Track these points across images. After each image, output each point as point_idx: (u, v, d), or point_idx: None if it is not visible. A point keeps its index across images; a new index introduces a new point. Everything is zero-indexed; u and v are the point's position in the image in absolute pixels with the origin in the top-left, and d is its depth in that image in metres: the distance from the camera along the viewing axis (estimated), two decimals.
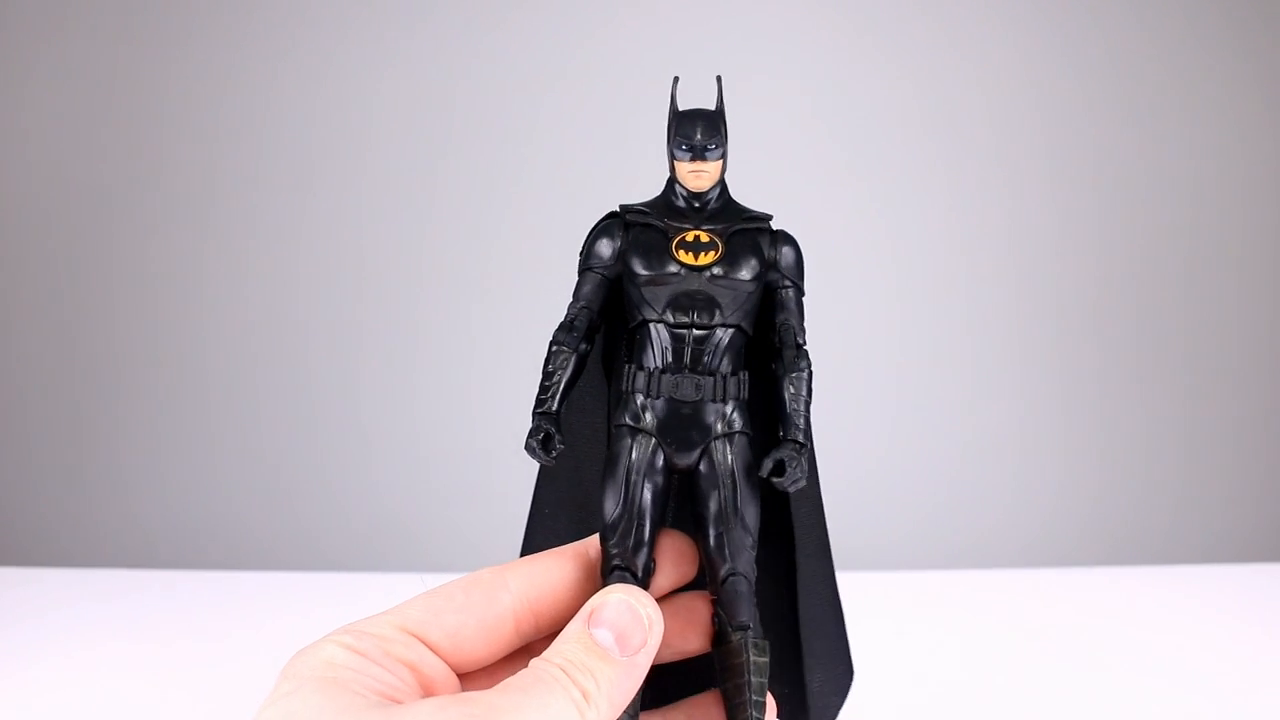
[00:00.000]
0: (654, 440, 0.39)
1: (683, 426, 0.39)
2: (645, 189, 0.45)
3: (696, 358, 0.39)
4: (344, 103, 1.15)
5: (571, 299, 0.41)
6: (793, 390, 0.40)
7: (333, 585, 0.99)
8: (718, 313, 0.39)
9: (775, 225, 0.44)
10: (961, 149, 1.15)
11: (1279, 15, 1.14)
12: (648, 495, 0.38)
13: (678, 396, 0.38)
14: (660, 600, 0.38)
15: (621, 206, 0.42)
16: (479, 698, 0.31)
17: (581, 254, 0.42)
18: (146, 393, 1.17)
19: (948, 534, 1.15)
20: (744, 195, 0.45)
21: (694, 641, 0.40)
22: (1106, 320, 1.16)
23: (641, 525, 0.38)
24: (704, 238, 0.40)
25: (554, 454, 0.39)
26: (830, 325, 1.17)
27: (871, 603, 0.92)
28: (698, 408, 0.39)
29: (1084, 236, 1.16)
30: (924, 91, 1.14)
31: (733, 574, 0.38)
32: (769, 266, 0.41)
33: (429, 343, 1.16)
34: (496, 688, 0.31)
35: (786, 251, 0.42)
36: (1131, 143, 1.15)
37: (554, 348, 0.40)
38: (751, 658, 0.38)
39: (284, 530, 1.17)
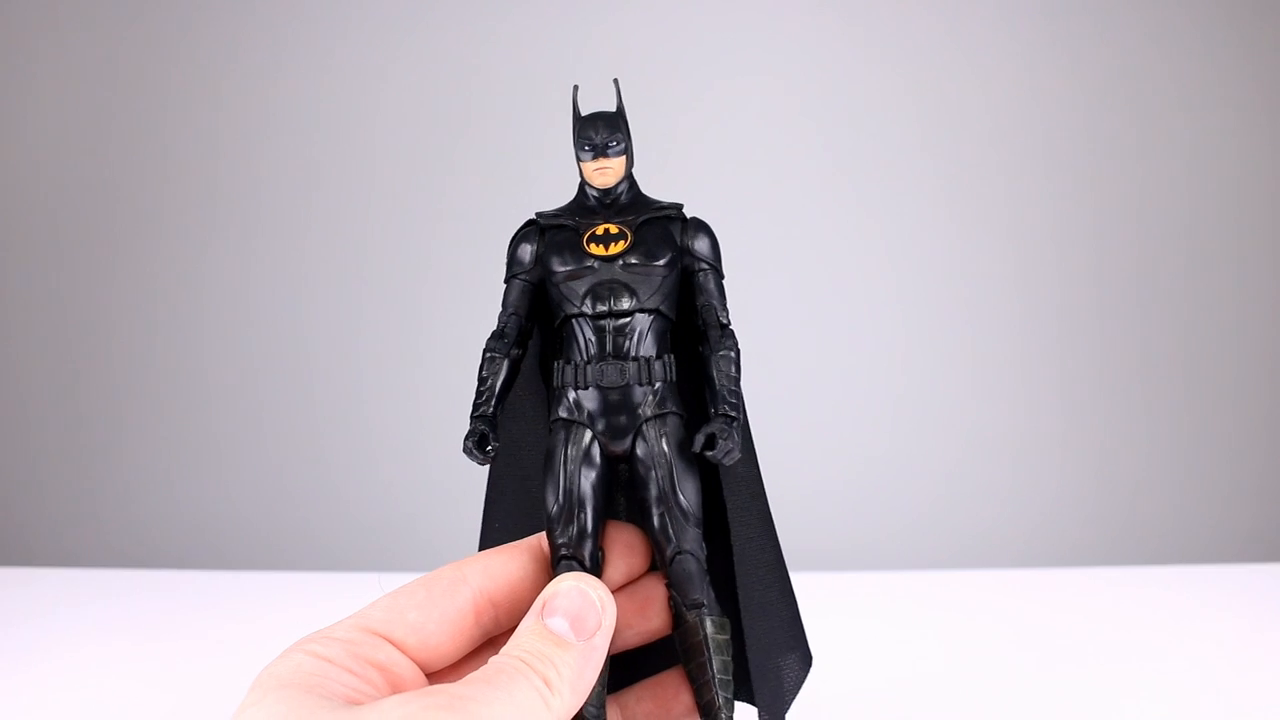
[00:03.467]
0: (588, 431, 0.40)
1: (612, 412, 0.40)
2: (646, 189, 0.46)
3: (619, 345, 0.40)
4: (347, 105, 1.15)
5: (500, 308, 0.43)
6: (720, 368, 0.41)
7: (333, 585, 0.99)
8: (634, 298, 0.40)
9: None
10: (961, 148, 1.15)
11: (1279, 15, 1.14)
12: (585, 484, 0.39)
13: (604, 384, 0.40)
14: (615, 591, 0.39)
15: (537, 214, 0.44)
16: (442, 689, 0.31)
17: (506, 263, 0.44)
18: (147, 394, 1.18)
19: (946, 534, 1.15)
20: (744, 195, 0.45)
21: (654, 621, 0.41)
22: (1106, 320, 1.16)
23: (583, 514, 0.39)
24: (613, 229, 0.42)
25: (490, 453, 0.40)
26: (830, 325, 1.17)
27: (870, 602, 0.92)
28: (625, 393, 0.40)
29: (1084, 236, 1.16)
30: (923, 91, 1.14)
31: (679, 553, 0.39)
32: (682, 252, 0.43)
33: (430, 343, 1.16)
34: (460, 681, 0.32)
35: (700, 236, 0.43)
36: (1131, 141, 1.15)
37: (487, 355, 0.42)
38: (710, 634, 0.39)
39: (285, 530, 1.17)
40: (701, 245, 0.43)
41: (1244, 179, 1.15)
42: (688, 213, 0.44)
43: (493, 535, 0.45)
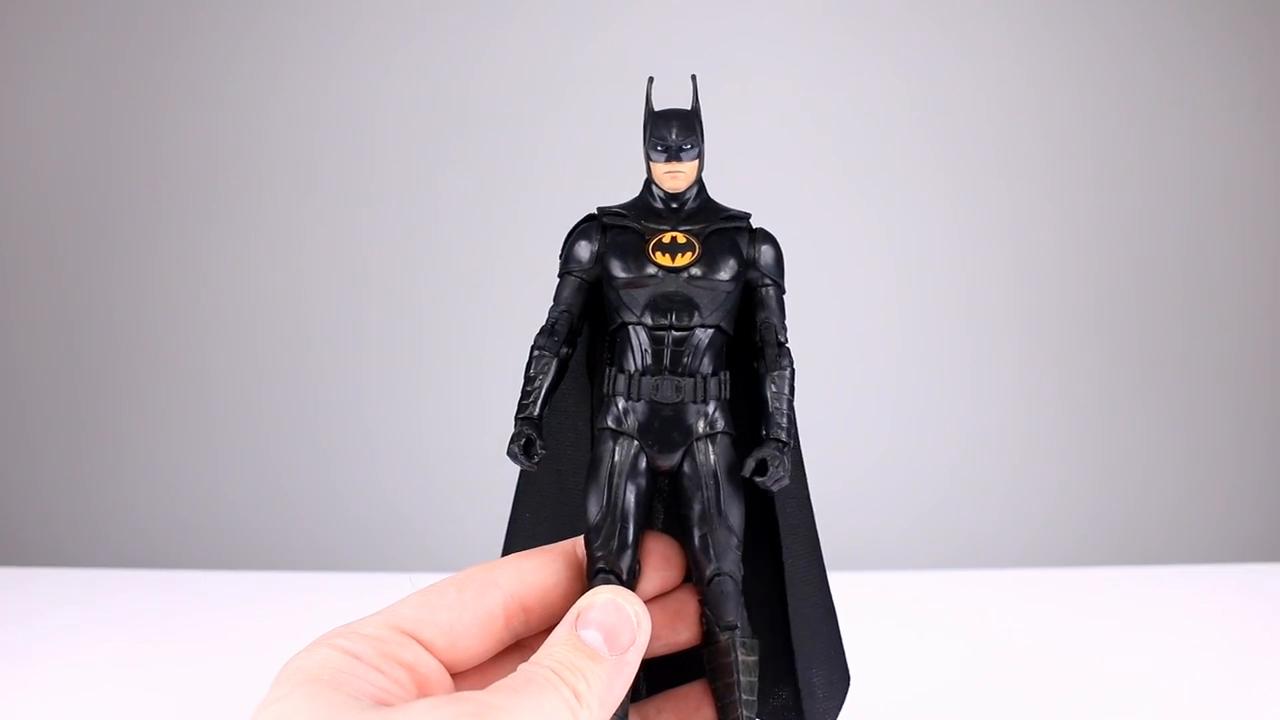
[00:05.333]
0: (636, 443, 0.39)
1: (664, 428, 0.39)
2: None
3: (676, 359, 0.39)
4: (348, 105, 1.15)
5: (552, 303, 0.42)
6: (775, 389, 0.39)
7: (334, 585, 0.99)
8: (696, 314, 0.39)
9: (762, 223, 0.44)
10: (961, 148, 1.15)
11: (1278, 15, 1.14)
12: (630, 498, 0.38)
13: (658, 399, 0.38)
14: (648, 602, 0.38)
15: (599, 209, 0.42)
16: (472, 696, 0.31)
17: (560, 258, 0.42)
18: (147, 393, 1.17)
19: (946, 534, 1.15)
20: (743, 196, 0.45)
21: (683, 634, 0.40)
22: (1106, 319, 1.16)
23: (625, 528, 0.38)
24: (680, 239, 0.40)
25: (536, 459, 0.39)
26: (830, 325, 1.17)
27: (869, 603, 0.92)
28: (679, 409, 0.39)
29: (1084, 235, 1.16)
30: (923, 91, 1.14)
31: (718, 574, 0.38)
32: (748, 265, 0.41)
33: (431, 343, 1.16)
34: (489, 688, 0.32)
35: (766, 250, 0.42)
36: (1131, 141, 1.15)
37: (535, 352, 0.40)
38: (740, 657, 0.38)
39: (285, 530, 1.17)
40: (767, 258, 0.42)
41: (1245, 179, 1.15)
42: (753, 222, 0.43)
43: (523, 525, 0.44)
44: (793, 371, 0.40)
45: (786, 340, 0.41)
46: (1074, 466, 1.17)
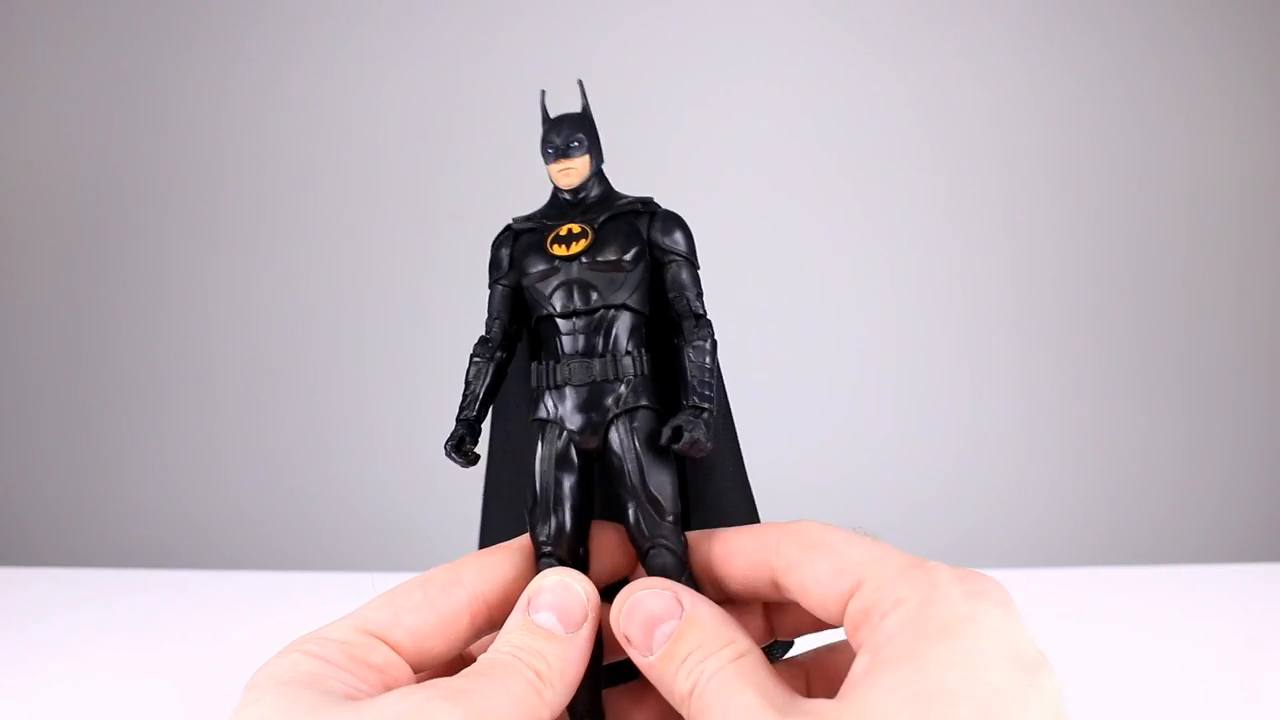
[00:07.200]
0: (560, 429, 0.40)
1: (584, 409, 0.40)
2: (650, 192, 0.46)
3: (589, 343, 0.40)
4: (350, 105, 1.15)
5: (486, 314, 0.44)
6: (692, 359, 0.40)
7: (333, 585, 0.99)
8: (596, 295, 0.40)
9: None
10: (959, 148, 1.15)
11: (1278, 15, 1.14)
12: (558, 482, 0.39)
13: (574, 382, 0.40)
14: (603, 591, 0.39)
15: (513, 219, 0.45)
16: (442, 682, 0.32)
17: (488, 270, 0.44)
18: (148, 393, 1.18)
19: (944, 533, 1.15)
20: (742, 197, 0.45)
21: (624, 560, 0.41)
22: (1105, 320, 1.16)
23: (560, 510, 0.39)
24: (575, 229, 0.42)
25: (470, 456, 0.41)
26: (829, 325, 1.17)
27: None
28: (595, 390, 0.40)
29: (1082, 235, 1.16)
30: (922, 91, 1.14)
31: (653, 546, 0.38)
32: (650, 245, 0.42)
33: (431, 343, 1.16)
34: (455, 676, 0.32)
35: (667, 228, 0.43)
36: (1129, 141, 1.15)
37: (472, 359, 0.43)
38: None
39: (286, 530, 1.17)
40: (669, 237, 0.42)
41: (1243, 179, 1.16)
42: (683, 208, 0.44)
43: (490, 529, 0.46)
44: (714, 342, 0.41)
45: (704, 312, 0.42)
46: (1072, 466, 1.17)
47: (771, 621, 0.40)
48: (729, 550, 0.38)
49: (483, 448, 0.44)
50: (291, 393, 1.17)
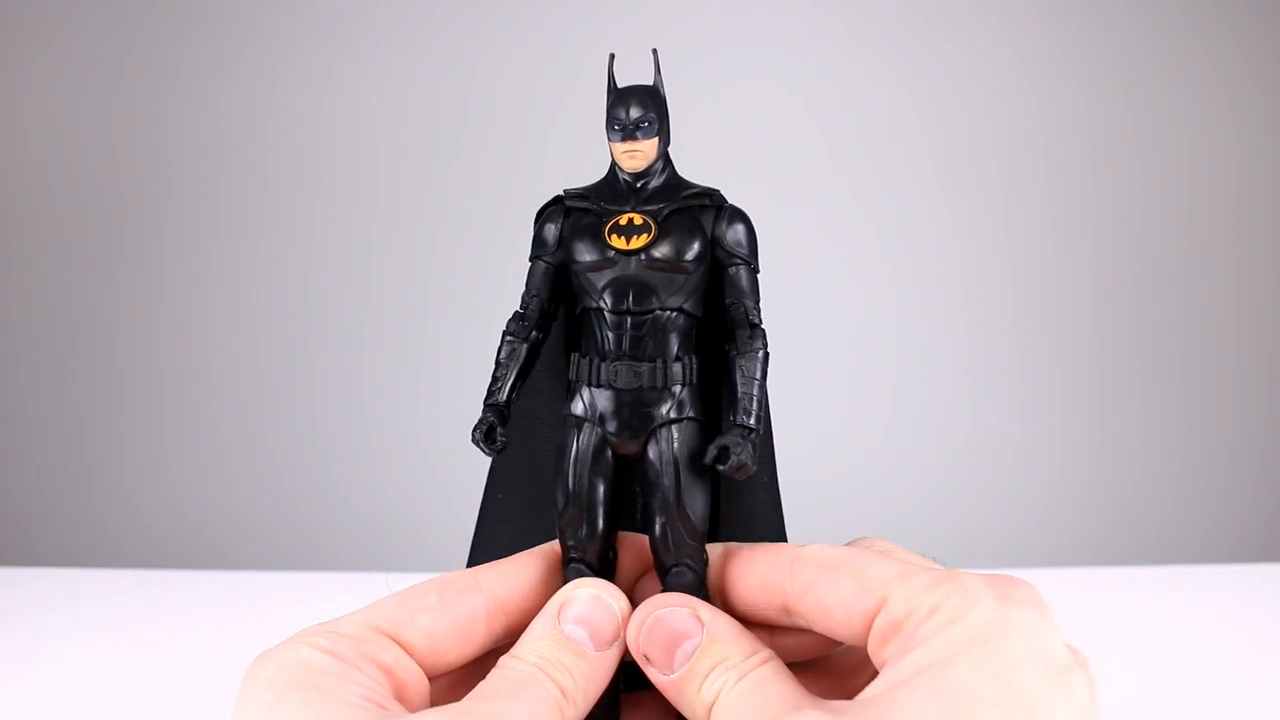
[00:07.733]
0: (598, 430, 0.38)
1: (626, 413, 0.37)
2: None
3: (636, 344, 0.37)
4: (350, 104, 1.15)
5: (524, 289, 0.41)
6: (745, 372, 0.38)
7: (333, 585, 0.99)
8: (654, 297, 0.37)
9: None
10: (959, 147, 1.15)
11: (1278, 15, 1.14)
12: (593, 485, 0.37)
13: (618, 384, 0.37)
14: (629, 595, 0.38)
15: (565, 190, 0.41)
16: (475, 709, 0.30)
17: (532, 241, 0.41)
18: (147, 393, 1.18)
19: (943, 533, 1.15)
20: (742, 197, 0.44)
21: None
22: (1105, 320, 1.16)
23: (592, 516, 0.37)
24: (637, 220, 0.38)
25: (498, 446, 0.38)
26: (827, 325, 1.17)
27: None
28: (639, 395, 0.37)
29: (1082, 235, 1.16)
30: (922, 90, 1.14)
31: (676, 564, 0.37)
32: (713, 244, 0.39)
33: (431, 342, 1.16)
34: (485, 694, 0.31)
35: (733, 228, 0.40)
36: (1129, 140, 1.15)
37: (505, 338, 0.40)
38: None
39: (285, 530, 1.17)
40: (734, 237, 0.40)
41: (1243, 179, 1.16)
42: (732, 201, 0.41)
43: (495, 505, 0.44)
44: (766, 354, 0.38)
45: (760, 321, 0.39)
46: (1072, 466, 1.17)
47: (774, 647, 0.40)
48: (743, 570, 0.36)
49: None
50: (291, 393, 1.17)
